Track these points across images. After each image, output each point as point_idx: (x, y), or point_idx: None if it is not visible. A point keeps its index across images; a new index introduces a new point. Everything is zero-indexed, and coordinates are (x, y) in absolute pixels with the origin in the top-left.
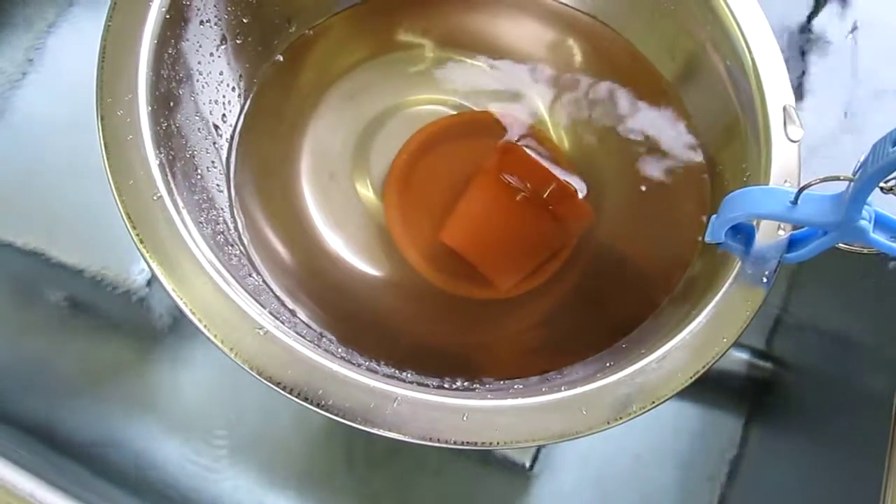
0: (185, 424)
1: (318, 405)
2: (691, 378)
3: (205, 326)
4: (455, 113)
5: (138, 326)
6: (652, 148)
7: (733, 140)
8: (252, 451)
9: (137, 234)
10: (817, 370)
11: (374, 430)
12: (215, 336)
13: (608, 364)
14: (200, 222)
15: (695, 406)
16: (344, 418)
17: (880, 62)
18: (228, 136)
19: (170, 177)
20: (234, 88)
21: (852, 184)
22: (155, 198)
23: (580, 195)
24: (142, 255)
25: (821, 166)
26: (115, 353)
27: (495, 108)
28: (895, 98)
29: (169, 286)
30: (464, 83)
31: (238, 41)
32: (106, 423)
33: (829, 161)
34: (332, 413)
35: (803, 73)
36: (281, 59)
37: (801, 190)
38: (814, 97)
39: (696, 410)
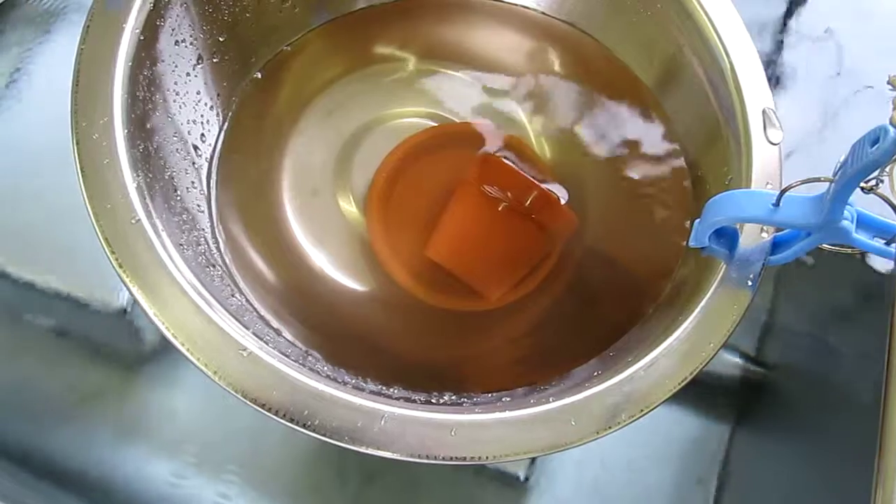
0: (174, 446)
1: (304, 426)
2: (679, 384)
3: (187, 350)
4: (435, 125)
5: (125, 348)
6: (633, 154)
7: (714, 144)
8: (243, 470)
9: (116, 259)
10: (806, 373)
11: (362, 449)
12: (198, 360)
13: (596, 373)
14: (181, 244)
15: (686, 410)
16: (331, 438)
17: (861, 59)
18: (208, 156)
19: (148, 199)
20: (212, 107)
21: (833, 185)
22: (133, 221)
23: (562, 202)
24: (121, 279)
25: (800, 166)
26: (102, 377)
27: (475, 119)
28: (874, 95)
29: (150, 310)
30: (443, 95)
31: (215, 60)
32: (95, 448)
33: (809, 160)
34: (318, 433)
35: (781, 70)
36: (259, 76)
37: (782, 192)
38: (792, 96)
39: (687, 415)
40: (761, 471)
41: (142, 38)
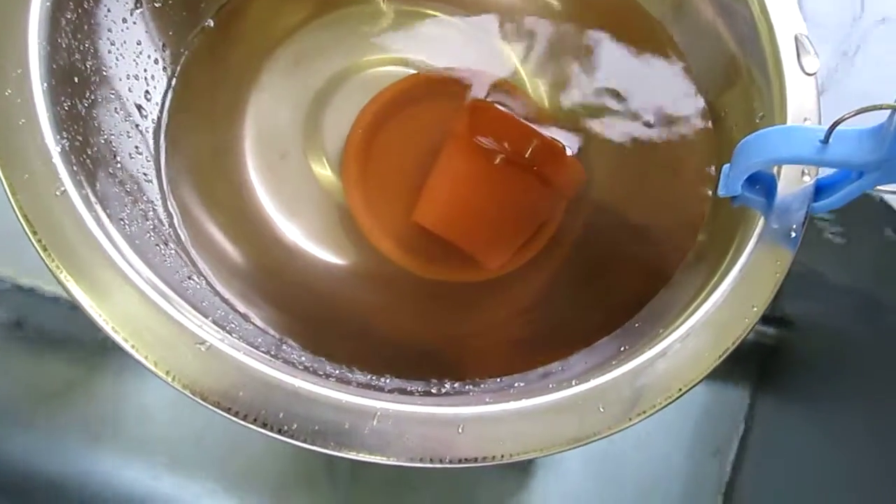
0: (147, 443)
1: (279, 431)
2: (720, 357)
3: (133, 347)
4: (416, 72)
5: (87, 339)
6: (644, 95)
7: (736, 80)
8: (223, 467)
9: (39, 240)
10: (826, 328)
11: (352, 455)
12: (146, 358)
13: (622, 349)
14: (121, 219)
15: None
16: (313, 444)
17: None
18: (155, 117)
19: (77, 167)
20: (157, 60)
21: None
22: (58, 193)
23: (569, 152)
24: (46, 265)
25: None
26: (64, 371)
27: (462, 65)
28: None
29: (84, 301)
30: (425, 39)
31: (157, 4)
32: (62, 450)
33: (834, 96)
34: (297, 440)
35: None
36: (211, 24)
37: (833, 126)
38: (812, 27)
39: (701, 383)
40: (782, 435)
41: None
